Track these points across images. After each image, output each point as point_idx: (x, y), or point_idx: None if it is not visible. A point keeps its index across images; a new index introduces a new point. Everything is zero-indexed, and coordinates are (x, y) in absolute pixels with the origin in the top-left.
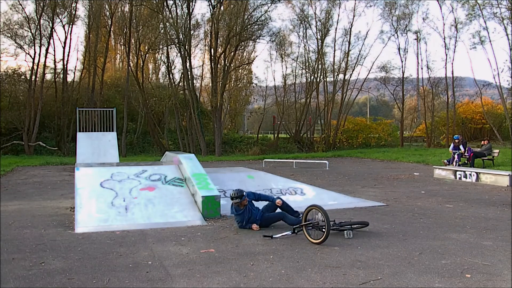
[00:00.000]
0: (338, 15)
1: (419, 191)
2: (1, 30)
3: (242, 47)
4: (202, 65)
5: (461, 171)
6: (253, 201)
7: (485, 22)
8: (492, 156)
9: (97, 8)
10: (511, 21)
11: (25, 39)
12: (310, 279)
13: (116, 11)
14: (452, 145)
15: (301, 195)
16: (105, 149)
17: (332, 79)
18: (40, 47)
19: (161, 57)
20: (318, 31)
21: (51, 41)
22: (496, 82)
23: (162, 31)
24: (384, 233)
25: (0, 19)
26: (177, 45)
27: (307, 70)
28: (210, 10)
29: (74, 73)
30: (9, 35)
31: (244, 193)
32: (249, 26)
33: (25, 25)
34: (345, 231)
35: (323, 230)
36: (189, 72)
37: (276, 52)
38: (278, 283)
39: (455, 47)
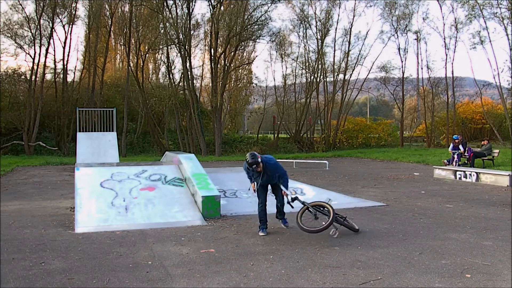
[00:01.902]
0: (338, 15)
1: (419, 191)
2: (1, 30)
3: (242, 47)
4: (202, 65)
5: (461, 171)
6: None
7: (485, 22)
8: (492, 156)
9: (97, 8)
10: (511, 21)
11: (25, 39)
12: (310, 279)
13: (116, 11)
14: (451, 145)
15: (301, 195)
16: (105, 149)
17: (332, 79)
18: (40, 47)
19: (161, 57)
20: (318, 31)
21: (51, 41)
22: (496, 82)
23: (162, 31)
24: (384, 233)
25: (0, 19)
26: (177, 45)
27: (307, 70)
28: (210, 10)
29: (74, 73)
30: (9, 35)
31: (259, 160)
32: (249, 26)
33: (25, 25)
34: (332, 230)
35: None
36: (189, 72)
37: (276, 52)
38: (278, 283)
39: (455, 47)
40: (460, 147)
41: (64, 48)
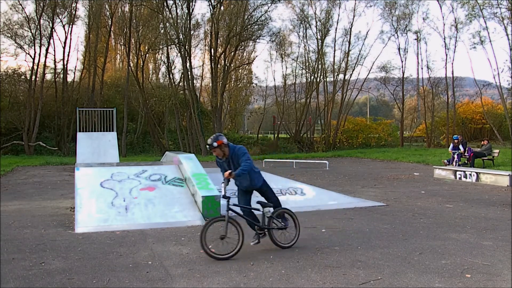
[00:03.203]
0: (338, 15)
1: (419, 191)
2: (1, 30)
3: (242, 47)
4: (202, 65)
5: (461, 171)
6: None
7: (485, 22)
8: (492, 156)
9: (97, 8)
10: (511, 21)
11: (25, 39)
12: (310, 279)
13: (116, 11)
14: (451, 145)
15: (301, 195)
16: (105, 149)
17: (332, 79)
18: (40, 47)
19: (161, 57)
20: (318, 31)
21: (51, 41)
22: (496, 82)
23: (162, 31)
24: (384, 233)
25: (0, 19)
26: (177, 45)
27: (307, 70)
28: (210, 10)
29: (74, 73)
30: (9, 35)
31: (215, 144)
32: (249, 26)
33: (25, 25)
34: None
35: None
36: (189, 72)
37: (276, 52)
38: (278, 283)
39: (455, 47)
40: (460, 147)
41: (64, 48)
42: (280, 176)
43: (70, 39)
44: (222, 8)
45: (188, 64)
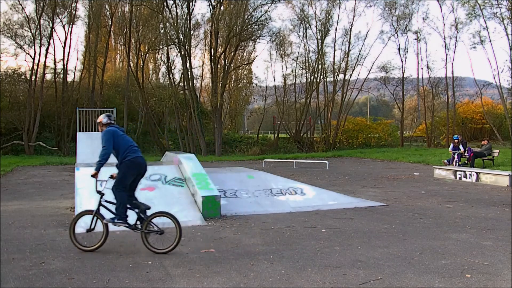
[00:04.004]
0: (338, 15)
1: (419, 191)
2: (1, 30)
3: (242, 47)
4: (202, 65)
5: (461, 171)
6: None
7: (485, 22)
8: (492, 156)
9: (97, 8)
10: (511, 21)
11: (25, 39)
12: (310, 279)
13: (116, 11)
14: (451, 145)
15: (301, 195)
16: None
17: (332, 79)
18: (40, 47)
19: (161, 57)
20: (318, 31)
21: (51, 41)
22: (496, 82)
23: (162, 31)
24: (384, 233)
25: (0, 19)
26: (177, 45)
27: (307, 70)
28: (210, 10)
29: (74, 73)
30: (9, 35)
31: (97, 120)
32: (249, 26)
33: (25, 25)
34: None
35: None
36: (189, 72)
37: (276, 52)
38: (278, 283)
39: (455, 47)
40: (460, 147)
41: (64, 48)
42: (280, 176)
43: (70, 39)
44: (222, 8)
45: (188, 64)
